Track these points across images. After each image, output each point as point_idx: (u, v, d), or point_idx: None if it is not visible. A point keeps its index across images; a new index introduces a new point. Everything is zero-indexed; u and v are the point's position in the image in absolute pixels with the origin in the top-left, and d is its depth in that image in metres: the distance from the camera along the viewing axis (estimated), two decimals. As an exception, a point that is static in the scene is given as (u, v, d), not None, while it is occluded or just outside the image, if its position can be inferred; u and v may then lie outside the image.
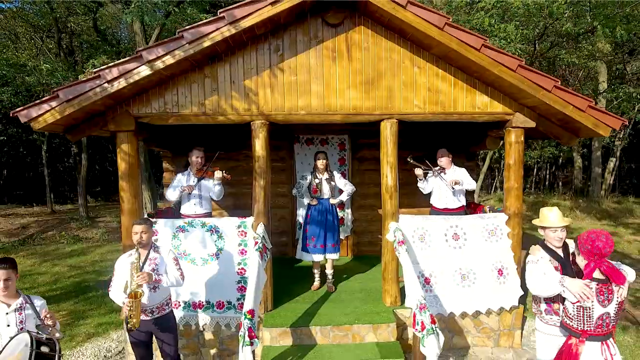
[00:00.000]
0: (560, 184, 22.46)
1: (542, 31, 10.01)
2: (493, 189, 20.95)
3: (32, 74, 10.97)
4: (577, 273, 3.05)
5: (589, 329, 2.80)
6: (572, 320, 2.87)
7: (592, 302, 2.74)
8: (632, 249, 10.23)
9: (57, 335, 3.10)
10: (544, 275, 3.08)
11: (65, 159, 22.60)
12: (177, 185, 5.09)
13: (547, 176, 23.24)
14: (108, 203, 20.37)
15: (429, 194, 5.61)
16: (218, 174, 4.99)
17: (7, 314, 3.04)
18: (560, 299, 3.05)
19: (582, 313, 2.80)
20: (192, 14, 12.53)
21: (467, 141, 6.58)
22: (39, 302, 3.22)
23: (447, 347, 4.94)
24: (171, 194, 5.07)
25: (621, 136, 19.39)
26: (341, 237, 6.29)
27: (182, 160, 6.67)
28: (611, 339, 2.86)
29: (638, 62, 17.10)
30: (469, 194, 6.29)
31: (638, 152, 23.33)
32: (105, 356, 5.03)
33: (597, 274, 2.79)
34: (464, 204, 5.46)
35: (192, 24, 13.07)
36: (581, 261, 2.93)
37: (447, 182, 5.33)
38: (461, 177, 5.37)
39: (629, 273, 2.90)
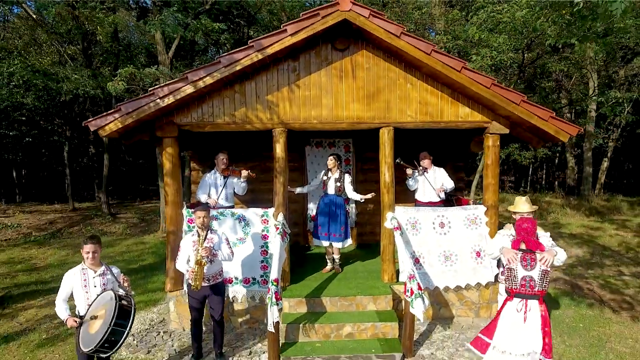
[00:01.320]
0: (557, 183, 23.33)
1: (529, 43, 10.94)
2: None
3: (62, 81, 11.96)
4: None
5: (514, 287, 3.74)
6: (506, 282, 3.83)
7: (516, 265, 3.69)
8: (613, 242, 11.14)
9: (132, 293, 4.11)
10: (496, 242, 4.04)
11: (80, 160, 23.71)
12: (204, 186, 6.06)
13: (544, 176, 24.11)
14: (124, 201, 21.41)
15: (414, 191, 6.61)
16: (244, 172, 5.99)
17: (93, 277, 4.04)
18: (502, 266, 4.01)
19: (509, 274, 3.75)
20: (206, 24, 13.53)
21: (455, 145, 7.54)
22: (115, 270, 4.23)
23: (435, 317, 5.92)
24: (201, 197, 6.05)
25: (614, 137, 20.29)
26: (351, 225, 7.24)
27: (207, 161, 7.70)
28: (536, 301, 3.75)
29: (627, 68, 17.97)
30: (458, 189, 7.26)
31: (631, 153, 24.19)
32: (150, 324, 6.02)
33: (523, 246, 3.76)
34: (444, 198, 6.43)
35: (206, 33, 14.09)
36: (544, 239, 3.89)
37: (436, 189, 6.31)
38: (441, 177, 6.35)
39: (560, 253, 3.83)
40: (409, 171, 6.38)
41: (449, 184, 6.40)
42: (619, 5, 2.69)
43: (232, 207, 6.25)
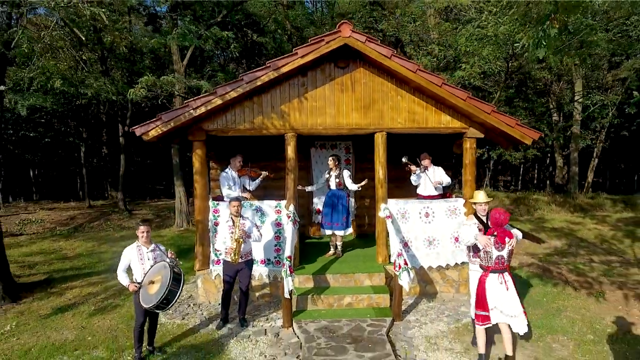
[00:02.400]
0: (548, 182, 24.39)
1: (512, 54, 12.03)
2: (483, 185, 22.88)
3: (84, 87, 13.00)
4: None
5: (490, 265, 4.80)
6: (482, 260, 4.88)
7: (491, 248, 4.75)
8: (590, 235, 12.20)
9: (180, 264, 5.22)
10: (469, 231, 5.10)
11: (91, 160, 24.82)
12: (228, 181, 7.10)
13: (536, 175, 25.20)
14: (136, 199, 22.51)
15: (416, 186, 7.66)
16: (264, 173, 7.09)
17: (147, 252, 5.13)
18: (477, 249, 5.06)
19: (486, 255, 4.81)
20: (215, 32, 14.58)
21: (440, 148, 8.63)
22: (162, 247, 5.32)
23: (421, 293, 7.00)
24: (225, 190, 7.08)
25: (601, 138, 21.35)
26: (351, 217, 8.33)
27: (224, 161, 8.77)
28: (507, 272, 4.81)
29: (613, 73, 19.03)
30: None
31: (620, 153, 25.26)
32: (180, 299, 7.10)
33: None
34: (441, 192, 7.48)
35: (216, 41, 15.13)
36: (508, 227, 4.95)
37: (433, 182, 7.34)
38: (440, 174, 7.39)
39: (517, 233, 4.89)
40: (413, 168, 7.42)
41: (446, 180, 7.44)
42: (542, 51, 3.68)
43: (245, 199, 7.33)
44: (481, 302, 4.78)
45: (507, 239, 4.70)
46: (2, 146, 17.71)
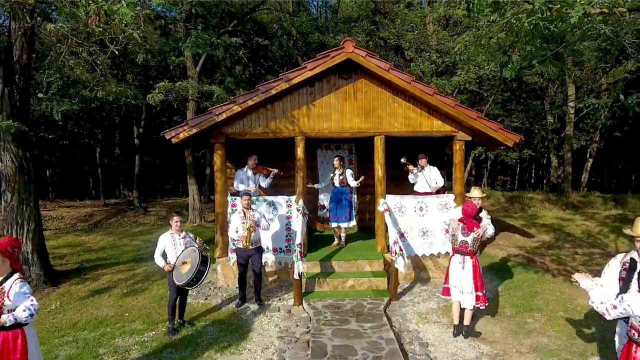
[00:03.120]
0: (545, 181, 25.18)
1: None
2: (482, 184, 23.68)
3: (107, 94, 13.93)
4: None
5: (455, 246, 5.65)
6: (451, 242, 5.75)
7: (457, 232, 5.59)
8: (578, 230, 13.02)
9: (207, 248, 6.11)
10: (451, 216, 5.97)
11: (104, 160, 25.76)
12: (242, 178, 7.98)
13: (533, 174, 25.99)
14: (147, 198, 23.44)
15: (413, 184, 8.53)
16: (275, 171, 7.97)
17: (179, 239, 6.03)
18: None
19: (453, 238, 5.67)
20: (225, 39, 15.50)
21: (434, 149, 9.49)
22: (191, 235, 6.22)
23: (416, 278, 7.87)
24: (240, 186, 7.98)
25: (596, 139, 22.13)
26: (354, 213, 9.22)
27: (238, 161, 9.66)
28: (469, 256, 5.61)
29: (608, 75, 19.80)
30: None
31: (616, 154, 26.00)
32: (202, 284, 7.97)
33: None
34: (436, 190, 8.34)
35: (226, 47, 16.12)
36: (484, 219, 5.78)
37: (431, 186, 8.18)
38: (435, 174, 8.24)
39: (489, 229, 5.74)
40: (411, 168, 8.29)
41: (441, 181, 8.30)
42: (509, 72, 4.50)
43: (257, 195, 8.22)
44: (446, 277, 5.71)
45: (474, 228, 5.53)
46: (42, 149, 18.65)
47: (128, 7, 4.33)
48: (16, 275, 3.44)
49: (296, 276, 6.47)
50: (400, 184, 9.00)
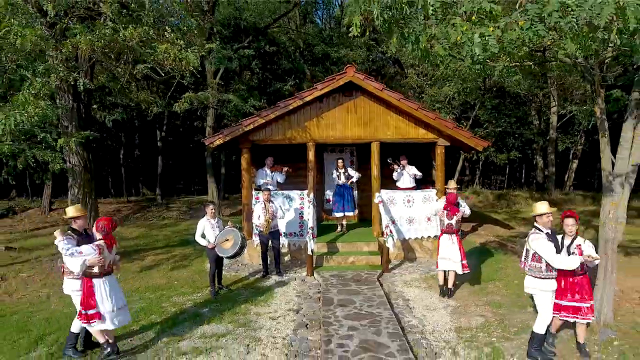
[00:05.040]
0: (535, 181, 26.92)
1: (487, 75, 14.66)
2: (474, 184, 25.44)
3: (141, 102, 15.80)
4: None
5: (443, 228, 7.44)
6: (439, 225, 7.55)
7: (444, 217, 7.38)
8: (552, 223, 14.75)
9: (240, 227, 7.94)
10: (436, 205, 7.75)
11: (128, 161, 27.67)
12: (261, 176, 9.80)
13: (524, 174, 27.77)
14: (166, 195, 25.30)
15: (396, 180, 10.34)
16: (285, 168, 9.79)
17: (214, 223, 7.84)
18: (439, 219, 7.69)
19: (441, 222, 7.47)
20: (241, 53, 17.35)
21: (421, 152, 11.31)
22: (221, 221, 8.04)
23: (405, 257, 9.67)
24: (261, 182, 9.80)
25: (582, 142, 23.85)
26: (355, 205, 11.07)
27: (256, 162, 11.48)
28: (454, 234, 7.43)
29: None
30: (427, 182, 10.99)
31: (597, 156, 27.67)
32: (230, 262, 9.79)
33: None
34: (415, 185, 10.12)
35: (240, 59, 18.13)
36: (462, 204, 7.56)
37: (411, 175, 9.99)
38: (413, 170, 10.05)
39: (466, 209, 7.52)
40: (395, 167, 10.10)
41: (419, 174, 10.10)
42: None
43: (276, 190, 10.05)
44: (438, 252, 7.48)
45: (456, 213, 7.34)
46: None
47: (192, 53, 6.15)
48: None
49: (309, 252, 8.30)
50: (392, 181, 10.79)
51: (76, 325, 5.30)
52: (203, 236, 7.84)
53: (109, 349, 5.21)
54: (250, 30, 17.35)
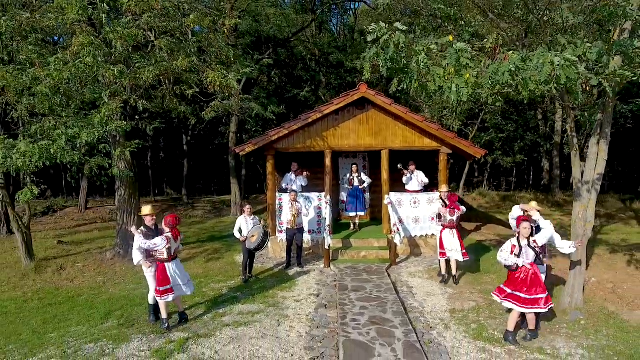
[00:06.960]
0: (542, 183, 27.74)
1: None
2: (482, 186, 26.40)
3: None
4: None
5: (445, 223, 8.63)
6: (442, 221, 8.72)
7: (446, 214, 8.58)
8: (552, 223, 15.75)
9: (268, 225, 9.26)
10: (436, 208, 8.95)
11: (154, 163, 29.26)
12: (286, 181, 11.10)
13: (532, 177, 28.61)
14: (189, 196, 26.80)
15: (405, 185, 11.53)
16: (306, 173, 11.07)
17: (249, 220, 9.16)
18: (439, 216, 8.87)
19: (442, 219, 8.65)
20: (262, 62, 18.65)
21: (427, 159, 12.49)
22: (257, 218, 9.35)
23: (411, 253, 10.86)
24: (285, 185, 11.09)
25: (587, 145, 24.62)
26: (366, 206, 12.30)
27: (280, 168, 12.79)
28: (455, 229, 8.63)
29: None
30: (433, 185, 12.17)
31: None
32: (256, 256, 11.09)
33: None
34: (422, 189, 11.31)
35: (260, 68, 19.64)
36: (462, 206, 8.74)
37: (419, 181, 11.17)
38: (421, 176, 11.23)
39: (463, 209, 8.71)
40: (404, 172, 11.30)
41: (426, 181, 11.30)
42: (454, 95, 7.24)
43: (301, 192, 11.32)
44: (441, 245, 8.68)
45: (456, 211, 8.53)
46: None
47: (234, 78, 7.46)
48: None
49: (327, 247, 9.56)
50: (400, 185, 12.00)
51: (151, 298, 6.72)
52: (240, 231, 9.14)
53: (166, 325, 6.53)
54: (271, 42, 18.67)
